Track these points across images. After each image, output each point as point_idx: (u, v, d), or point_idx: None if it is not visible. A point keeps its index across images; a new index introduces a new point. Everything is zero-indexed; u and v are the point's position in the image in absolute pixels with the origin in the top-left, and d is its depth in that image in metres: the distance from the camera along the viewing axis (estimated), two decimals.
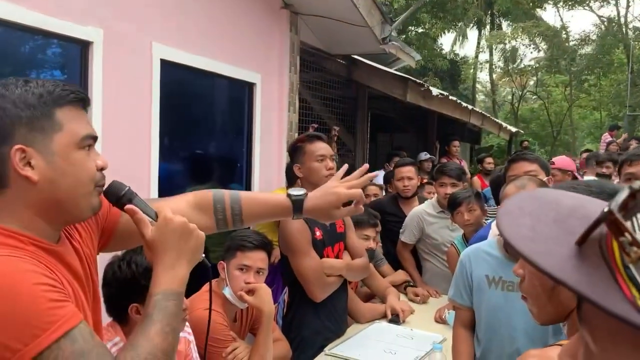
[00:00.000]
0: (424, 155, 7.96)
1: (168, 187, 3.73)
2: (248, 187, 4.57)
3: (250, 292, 2.40)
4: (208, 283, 2.56)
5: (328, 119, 6.53)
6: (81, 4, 2.97)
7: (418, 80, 6.69)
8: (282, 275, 2.99)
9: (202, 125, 4.27)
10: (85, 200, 1.19)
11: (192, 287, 2.61)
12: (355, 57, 6.62)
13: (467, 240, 3.48)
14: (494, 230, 2.59)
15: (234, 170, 4.56)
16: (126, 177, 1.40)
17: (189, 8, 3.78)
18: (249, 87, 4.52)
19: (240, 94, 4.50)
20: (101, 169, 1.22)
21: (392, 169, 6.49)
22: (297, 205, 1.51)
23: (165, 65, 3.55)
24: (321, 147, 2.75)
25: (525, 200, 0.68)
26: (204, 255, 1.34)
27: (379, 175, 6.96)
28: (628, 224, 0.59)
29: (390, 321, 3.23)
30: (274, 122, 4.85)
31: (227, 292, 2.45)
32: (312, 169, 2.72)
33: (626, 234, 0.60)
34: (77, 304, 1.14)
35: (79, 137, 1.17)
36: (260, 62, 4.61)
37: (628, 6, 26.07)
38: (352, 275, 2.95)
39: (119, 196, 1.28)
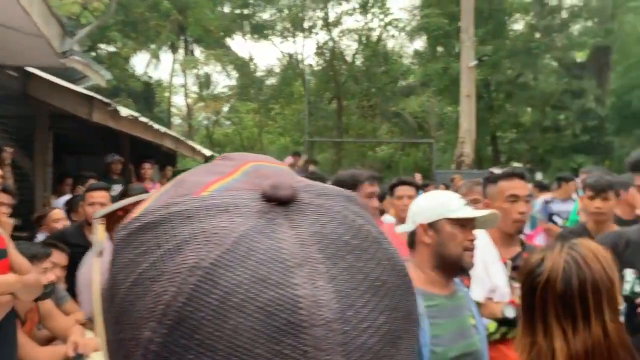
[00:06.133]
0: (111, 157, 7.61)
1: None
2: None
3: None
4: None
5: None
6: None
7: (105, 100, 6.29)
8: None
9: None
10: None
11: None
12: (31, 70, 5.89)
13: None
14: None
15: None
16: None
17: None
18: None
19: None
20: None
21: (85, 192, 5.90)
22: None
23: None
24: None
25: None
26: None
27: (59, 201, 6.20)
28: None
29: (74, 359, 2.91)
30: None
31: None
32: None
33: None
34: None
35: None
36: None
37: (303, 45, 29.67)
38: (27, 292, 2.58)
39: None
